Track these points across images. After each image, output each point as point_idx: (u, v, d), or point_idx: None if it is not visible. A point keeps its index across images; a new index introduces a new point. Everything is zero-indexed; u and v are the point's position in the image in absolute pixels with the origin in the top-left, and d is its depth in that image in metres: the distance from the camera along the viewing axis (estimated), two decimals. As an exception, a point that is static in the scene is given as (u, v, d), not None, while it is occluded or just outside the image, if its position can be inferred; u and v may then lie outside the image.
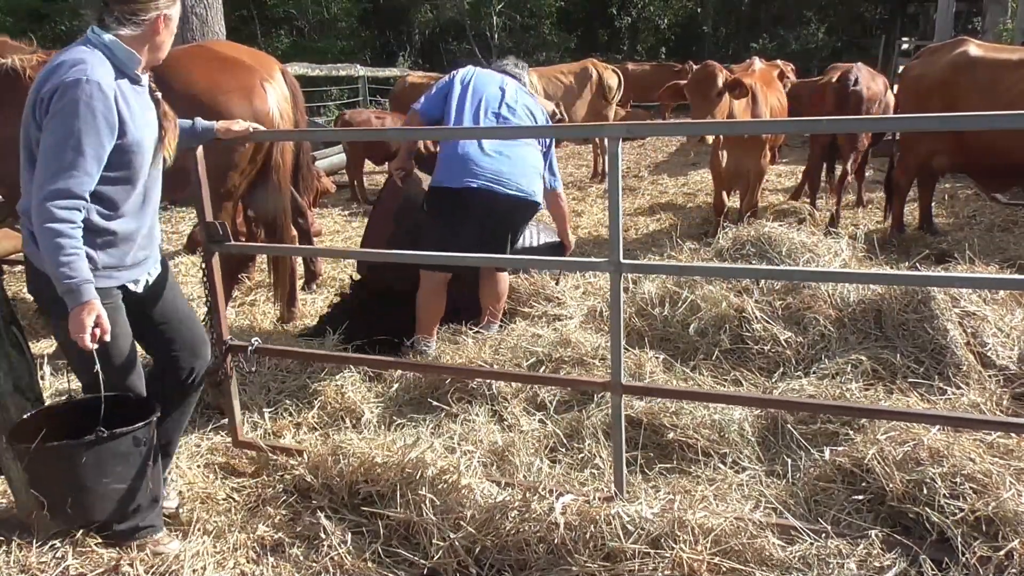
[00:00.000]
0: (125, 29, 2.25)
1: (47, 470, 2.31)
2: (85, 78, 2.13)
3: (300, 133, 5.05)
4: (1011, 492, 2.37)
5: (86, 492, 2.31)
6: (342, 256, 6.21)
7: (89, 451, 2.26)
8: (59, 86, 2.12)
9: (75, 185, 2.14)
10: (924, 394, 3.31)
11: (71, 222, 2.15)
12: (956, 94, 5.48)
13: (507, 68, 4.18)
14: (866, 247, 4.90)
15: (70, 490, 2.30)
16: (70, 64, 2.15)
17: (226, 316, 3.10)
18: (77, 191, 2.15)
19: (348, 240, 7.30)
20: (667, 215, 7.87)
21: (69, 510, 2.32)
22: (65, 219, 2.13)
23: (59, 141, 2.11)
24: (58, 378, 3.90)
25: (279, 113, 4.35)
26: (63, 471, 2.28)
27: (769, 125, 5.07)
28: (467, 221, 3.73)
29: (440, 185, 3.80)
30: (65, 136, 2.11)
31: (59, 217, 2.12)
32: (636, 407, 3.17)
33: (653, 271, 3.88)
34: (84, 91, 2.12)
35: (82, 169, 2.14)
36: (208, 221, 2.96)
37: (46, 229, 2.12)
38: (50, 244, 2.12)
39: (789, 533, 2.41)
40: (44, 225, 2.12)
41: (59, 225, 2.12)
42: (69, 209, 2.14)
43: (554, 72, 10.01)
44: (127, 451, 2.34)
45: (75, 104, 2.11)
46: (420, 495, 2.58)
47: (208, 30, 7.89)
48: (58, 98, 2.11)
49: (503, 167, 3.73)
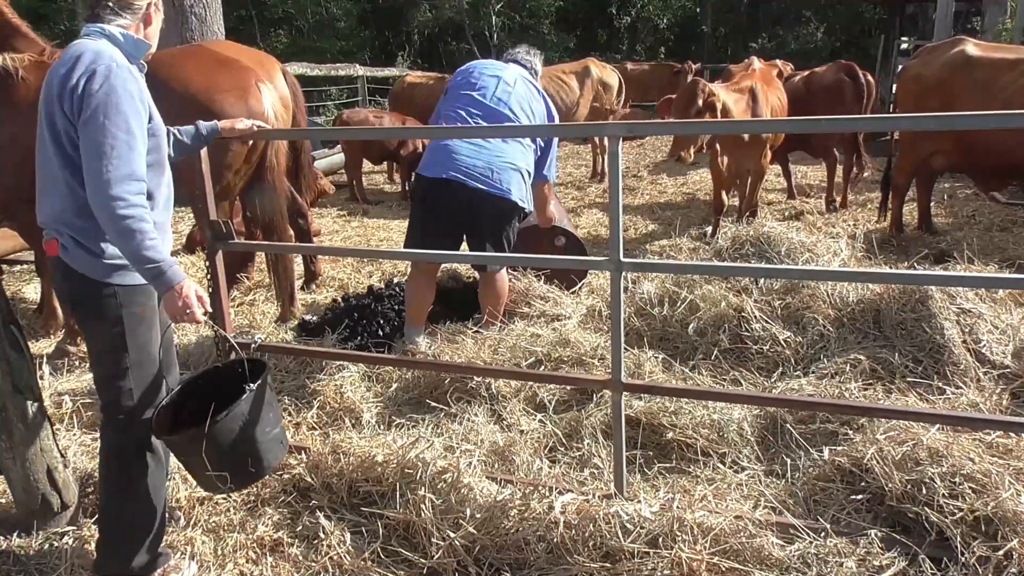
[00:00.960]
0: (122, 19, 2.23)
1: (223, 441, 2.23)
2: (115, 63, 2.12)
3: (302, 132, 5.06)
4: (1010, 492, 2.37)
5: (258, 445, 2.31)
6: (342, 255, 6.21)
7: (252, 406, 2.26)
8: (90, 75, 2.07)
9: (138, 167, 2.11)
10: (923, 393, 3.31)
11: (143, 206, 2.10)
12: (954, 93, 5.49)
13: (517, 56, 4.15)
14: (865, 247, 4.90)
15: (248, 449, 2.29)
16: (92, 54, 2.12)
17: (229, 313, 3.09)
18: (140, 172, 2.12)
19: (347, 239, 7.30)
20: (667, 215, 7.88)
21: (252, 468, 2.32)
22: (140, 204, 2.09)
23: (110, 127, 2.06)
24: (57, 378, 3.90)
25: (274, 114, 4.35)
26: (239, 433, 2.25)
27: (768, 125, 5.07)
28: (438, 210, 3.80)
29: (419, 172, 3.90)
30: (115, 120, 2.07)
31: (134, 203, 2.07)
32: (635, 407, 3.17)
33: (653, 270, 3.88)
34: (118, 75, 2.10)
35: (137, 150, 2.11)
36: (212, 219, 2.96)
37: (122, 217, 2.05)
38: (129, 232, 2.06)
39: (788, 532, 2.41)
40: (120, 212, 2.05)
41: (136, 211, 2.07)
42: (139, 193, 2.10)
43: (556, 72, 10.02)
44: (270, 398, 2.38)
45: (114, 89, 2.08)
46: (419, 495, 2.58)
47: (207, 30, 7.88)
48: (96, 86, 2.07)
49: (478, 161, 3.72)
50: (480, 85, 3.89)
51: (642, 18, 26.38)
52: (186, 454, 2.31)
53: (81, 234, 2.18)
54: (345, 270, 5.95)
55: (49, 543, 2.62)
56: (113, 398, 2.31)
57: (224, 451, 2.23)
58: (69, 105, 2.09)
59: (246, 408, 2.25)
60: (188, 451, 2.27)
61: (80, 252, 2.19)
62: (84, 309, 2.29)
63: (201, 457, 2.20)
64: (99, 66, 2.09)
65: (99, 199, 2.07)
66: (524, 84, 4.00)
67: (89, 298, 2.23)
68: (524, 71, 4.06)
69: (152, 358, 2.34)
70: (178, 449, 2.34)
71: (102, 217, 2.08)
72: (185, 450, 2.29)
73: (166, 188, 2.37)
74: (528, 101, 3.93)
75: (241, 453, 2.28)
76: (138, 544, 2.37)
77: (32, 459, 2.64)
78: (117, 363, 2.27)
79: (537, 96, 4.03)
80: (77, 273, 2.21)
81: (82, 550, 2.58)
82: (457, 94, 3.92)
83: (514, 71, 4.01)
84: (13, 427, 2.60)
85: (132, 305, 2.25)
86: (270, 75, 4.63)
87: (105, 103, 2.06)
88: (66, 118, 2.11)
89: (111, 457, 2.36)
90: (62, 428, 3.36)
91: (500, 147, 3.77)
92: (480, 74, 3.95)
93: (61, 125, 2.12)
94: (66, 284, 2.27)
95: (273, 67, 4.76)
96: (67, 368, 4.10)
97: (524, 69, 4.08)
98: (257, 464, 2.32)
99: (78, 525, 2.72)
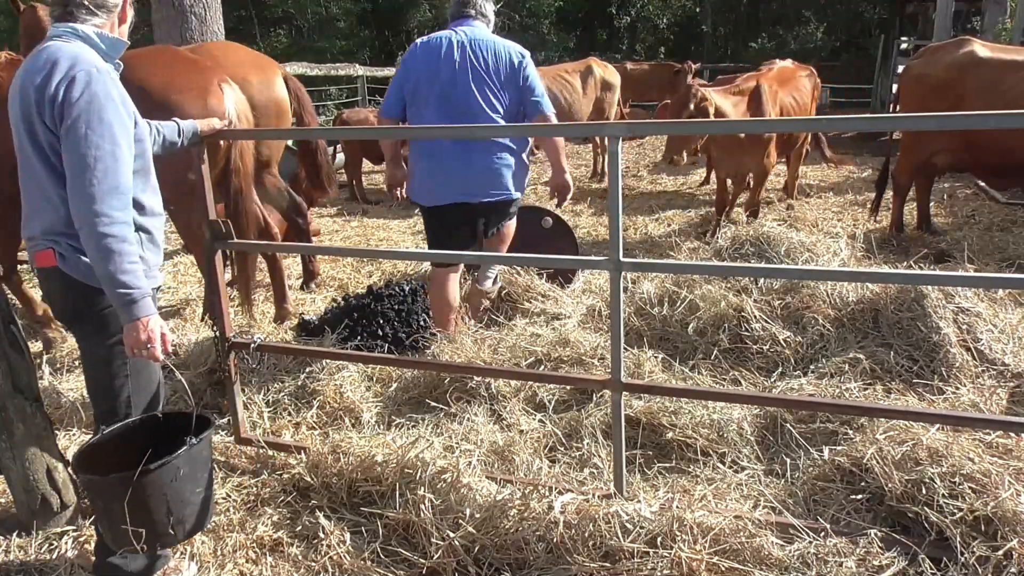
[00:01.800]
0: (97, 18, 2.12)
1: (152, 492, 2.04)
2: (95, 68, 2.01)
3: (297, 132, 5.05)
4: (1010, 492, 2.37)
5: (186, 506, 2.13)
6: (340, 254, 6.21)
7: (191, 461, 2.11)
8: (69, 82, 1.97)
9: (124, 179, 2.01)
10: (923, 393, 3.31)
11: (127, 224, 2.01)
12: (961, 94, 5.48)
13: (466, 12, 3.72)
14: (865, 247, 4.90)
15: (175, 507, 2.10)
16: (68, 59, 2.00)
17: (228, 313, 3.09)
18: (126, 184, 2.02)
19: (347, 239, 7.30)
20: (667, 215, 7.87)
21: (171, 531, 2.13)
22: (123, 221, 1.99)
23: (93, 137, 1.96)
24: (57, 379, 3.90)
25: (237, 115, 4.24)
26: (165, 489, 2.06)
27: (762, 124, 5.06)
28: (449, 228, 3.78)
29: (417, 201, 3.85)
30: (98, 130, 1.97)
31: (118, 220, 1.98)
32: (635, 406, 3.17)
33: (653, 269, 3.88)
34: (99, 81, 2.00)
35: (123, 160, 2.02)
36: (211, 219, 2.94)
37: (103, 235, 1.96)
38: (108, 252, 1.97)
39: (788, 532, 2.41)
40: (101, 230, 1.95)
41: (119, 229, 1.98)
42: (124, 209, 2.00)
43: (559, 71, 10.01)
44: (207, 456, 2.23)
45: (96, 96, 1.98)
46: (419, 495, 2.58)
47: (207, 30, 7.88)
48: (77, 94, 1.96)
49: (470, 174, 3.60)
50: (439, 79, 3.58)
51: (642, 18, 26.37)
52: (107, 500, 2.06)
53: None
54: (345, 270, 5.95)
55: (49, 543, 2.62)
56: (110, 407, 2.26)
57: (148, 505, 2.04)
58: (50, 115, 1.99)
59: (184, 462, 2.08)
60: (111, 496, 2.03)
61: (82, 260, 2.09)
62: (85, 319, 2.20)
63: (123, 505, 1.99)
64: (78, 72, 1.98)
65: (81, 214, 1.98)
66: (472, 44, 3.62)
67: (91, 308, 2.16)
68: (466, 26, 3.69)
69: (151, 366, 2.29)
70: (99, 492, 2.10)
71: (83, 233, 1.99)
72: (108, 495, 2.05)
73: (152, 193, 2.28)
74: (485, 57, 3.60)
75: (165, 510, 2.09)
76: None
77: (32, 459, 2.64)
78: (117, 372, 2.22)
79: (489, 42, 3.66)
80: (77, 283, 2.13)
81: (82, 550, 2.58)
82: (419, 97, 3.63)
83: (465, 31, 3.65)
84: (13, 427, 2.60)
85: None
86: (265, 78, 4.59)
87: (87, 112, 1.97)
88: (48, 129, 2.01)
89: None
90: (61, 428, 3.36)
91: (487, 146, 3.62)
92: (431, 58, 3.59)
93: (44, 137, 2.02)
94: (66, 296, 2.18)
95: (270, 70, 4.73)
96: (67, 368, 4.10)
97: (466, 24, 3.71)
98: (178, 527, 2.13)
99: (77, 525, 2.72)
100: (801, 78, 7.33)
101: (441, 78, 3.59)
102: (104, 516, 2.14)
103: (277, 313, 4.87)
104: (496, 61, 3.63)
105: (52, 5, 2.13)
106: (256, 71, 4.70)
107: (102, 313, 2.16)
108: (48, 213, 2.08)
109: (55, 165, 2.04)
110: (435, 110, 3.61)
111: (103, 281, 2.02)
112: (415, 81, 3.64)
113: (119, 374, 2.22)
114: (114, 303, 2.04)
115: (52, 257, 2.11)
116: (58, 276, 2.13)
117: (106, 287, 2.03)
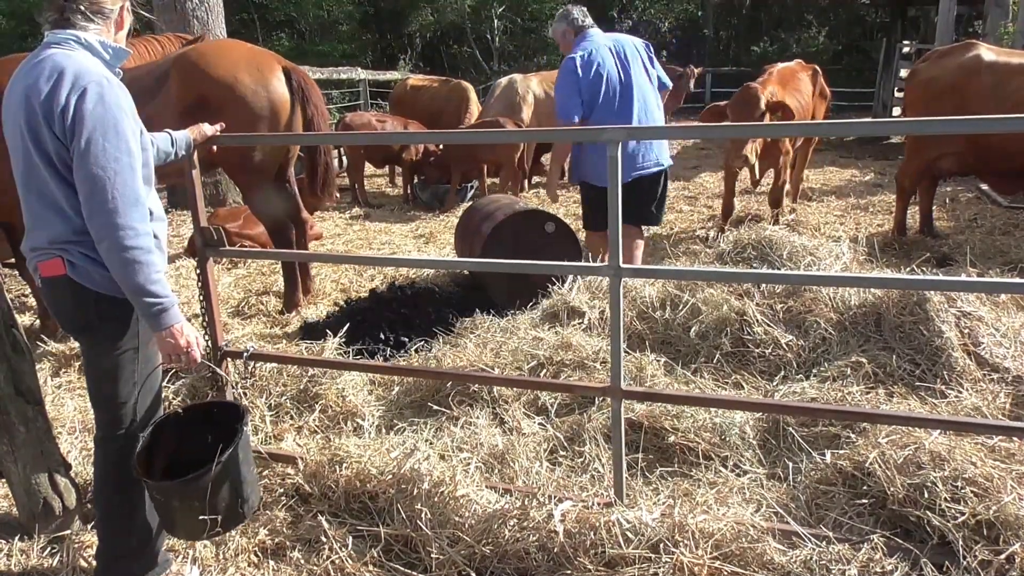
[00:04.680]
0: (94, 25, 2.08)
1: (220, 482, 2.16)
2: (106, 80, 1.99)
3: (299, 137, 5.04)
4: (1012, 496, 2.36)
5: (247, 484, 2.27)
6: (338, 261, 6.20)
7: (241, 447, 2.22)
8: (80, 93, 1.94)
9: (141, 190, 2.01)
10: (925, 396, 3.31)
11: (150, 235, 2.01)
12: (967, 97, 5.47)
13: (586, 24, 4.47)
14: (867, 250, 4.89)
15: (238, 489, 2.23)
16: (75, 69, 1.97)
17: (221, 321, 3.07)
18: (144, 196, 2.02)
19: (349, 243, 7.30)
20: (668, 217, 7.86)
21: (240, 509, 2.25)
22: (147, 232, 1.99)
23: (111, 150, 1.94)
24: (56, 379, 3.90)
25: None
26: (241, 471, 2.22)
27: (764, 129, 5.06)
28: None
29: (594, 184, 4.43)
30: (116, 143, 1.95)
31: (142, 231, 1.97)
32: (637, 410, 3.16)
33: (653, 275, 3.87)
34: (112, 93, 1.98)
35: (138, 171, 2.02)
36: (203, 226, 2.90)
37: (130, 247, 1.95)
38: (135, 264, 1.96)
39: (790, 538, 2.40)
40: (127, 243, 1.95)
41: (145, 240, 1.97)
42: (144, 221, 1.99)
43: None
44: (247, 438, 2.32)
45: (109, 108, 1.96)
46: (416, 510, 2.56)
47: (209, 33, 7.91)
48: (90, 106, 1.93)
49: (640, 148, 4.29)
50: (610, 80, 4.28)
51: (643, 21, 26.40)
52: (182, 498, 2.14)
53: (94, 250, 2.03)
54: (348, 273, 5.95)
55: (50, 547, 2.62)
56: (115, 415, 2.24)
57: (223, 491, 2.16)
58: (60, 127, 1.95)
59: (244, 444, 2.22)
60: (193, 494, 2.12)
61: (94, 268, 2.06)
62: (96, 329, 2.15)
63: (195, 502, 2.10)
64: (89, 84, 1.95)
65: (103, 228, 1.95)
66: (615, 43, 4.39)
67: (101, 317, 2.12)
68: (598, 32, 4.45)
69: (156, 374, 2.30)
70: (172, 494, 2.16)
71: (104, 246, 1.96)
72: (192, 493, 2.12)
73: (155, 198, 2.26)
74: (629, 51, 4.37)
75: (236, 492, 2.21)
76: (139, 553, 2.36)
77: (33, 462, 2.64)
78: (126, 382, 2.20)
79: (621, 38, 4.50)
80: (88, 291, 2.08)
81: (83, 554, 2.58)
82: (601, 101, 4.27)
83: (603, 40, 4.37)
84: (14, 430, 2.60)
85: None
86: (261, 77, 4.54)
87: (103, 124, 1.94)
88: (58, 140, 1.97)
89: (110, 470, 2.29)
90: (63, 432, 3.36)
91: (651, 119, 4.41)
92: (601, 65, 4.26)
93: (53, 148, 1.98)
94: (76, 306, 2.12)
95: (269, 65, 4.65)
96: (68, 372, 4.10)
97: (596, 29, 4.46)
98: (244, 505, 2.26)
99: (79, 529, 2.72)
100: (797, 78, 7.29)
101: (612, 77, 4.31)
102: (181, 512, 2.18)
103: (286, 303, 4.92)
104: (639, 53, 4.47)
105: (47, 10, 2.09)
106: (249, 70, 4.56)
107: (116, 322, 2.14)
108: (56, 223, 2.04)
109: (63, 175, 2.00)
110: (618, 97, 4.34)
111: (130, 293, 2.02)
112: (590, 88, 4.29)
113: (128, 383, 2.21)
114: (143, 313, 2.05)
115: (61, 266, 2.06)
116: (67, 285, 2.08)
117: (134, 298, 2.03)
